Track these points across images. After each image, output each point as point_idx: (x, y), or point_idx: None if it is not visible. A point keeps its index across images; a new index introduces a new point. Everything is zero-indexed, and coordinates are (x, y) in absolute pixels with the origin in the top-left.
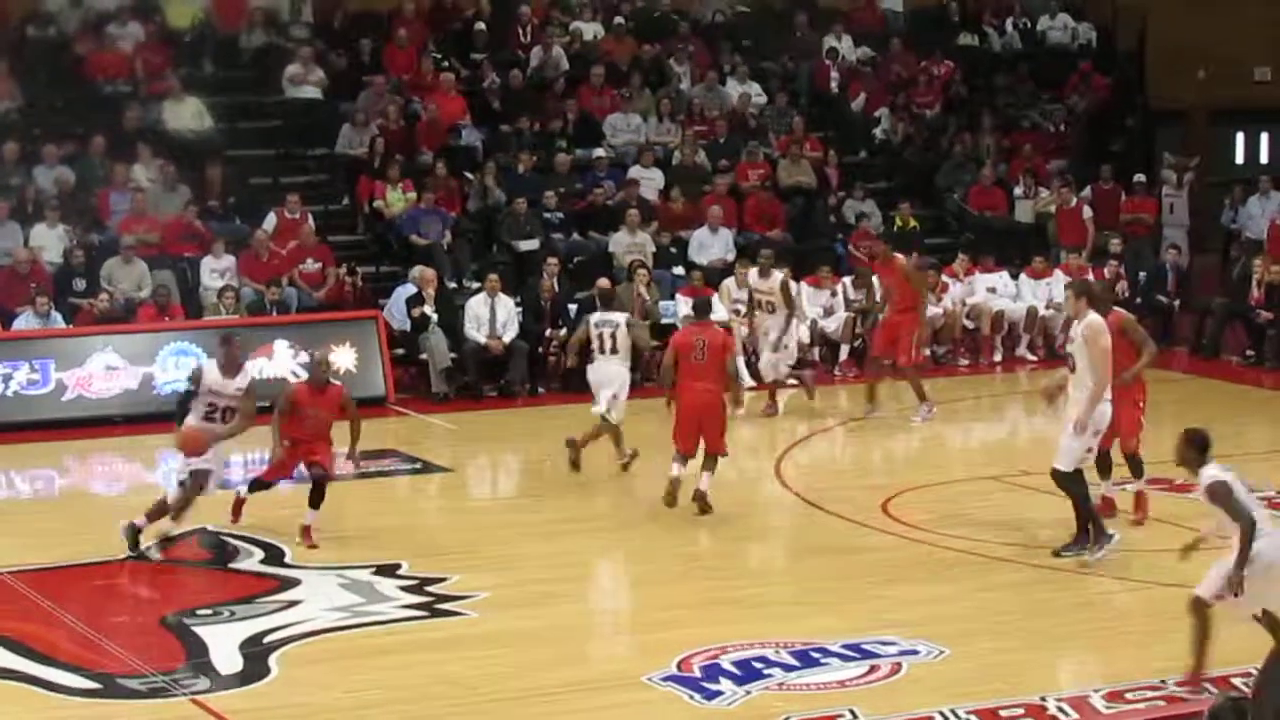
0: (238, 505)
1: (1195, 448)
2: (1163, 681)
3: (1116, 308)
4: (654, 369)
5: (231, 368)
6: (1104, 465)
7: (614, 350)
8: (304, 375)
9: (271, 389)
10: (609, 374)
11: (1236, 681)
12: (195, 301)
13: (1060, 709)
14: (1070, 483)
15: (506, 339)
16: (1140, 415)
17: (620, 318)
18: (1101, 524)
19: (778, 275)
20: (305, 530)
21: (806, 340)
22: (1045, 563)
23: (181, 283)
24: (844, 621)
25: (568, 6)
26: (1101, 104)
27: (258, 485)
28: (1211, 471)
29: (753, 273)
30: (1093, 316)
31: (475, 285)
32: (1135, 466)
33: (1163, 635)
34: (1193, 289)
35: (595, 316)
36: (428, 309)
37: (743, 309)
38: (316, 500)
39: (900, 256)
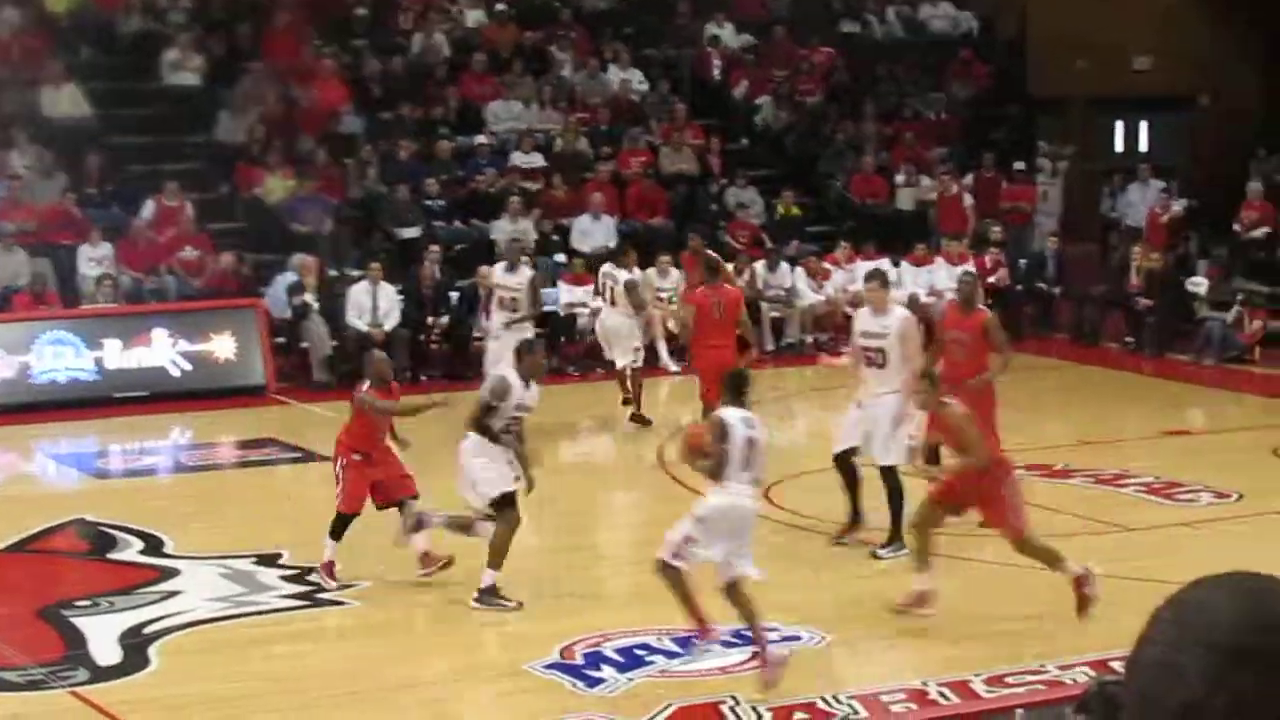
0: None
1: (730, 389)
2: (1042, 665)
3: (981, 307)
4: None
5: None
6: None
7: (613, 303)
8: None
9: (150, 378)
10: (614, 327)
11: (1115, 665)
12: (72, 290)
13: (941, 693)
14: (895, 478)
15: (388, 326)
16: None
17: (622, 275)
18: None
19: (676, 274)
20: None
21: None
22: None
23: (58, 271)
24: (726, 608)
25: None
26: (983, 92)
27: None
28: (725, 413)
29: (651, 271)
30: (902, 310)
31: (357, 273)
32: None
33: (1041, 619)
34: (1073, 276)
35: (606, 266)
36: (309, 297)
37: (667, 296)
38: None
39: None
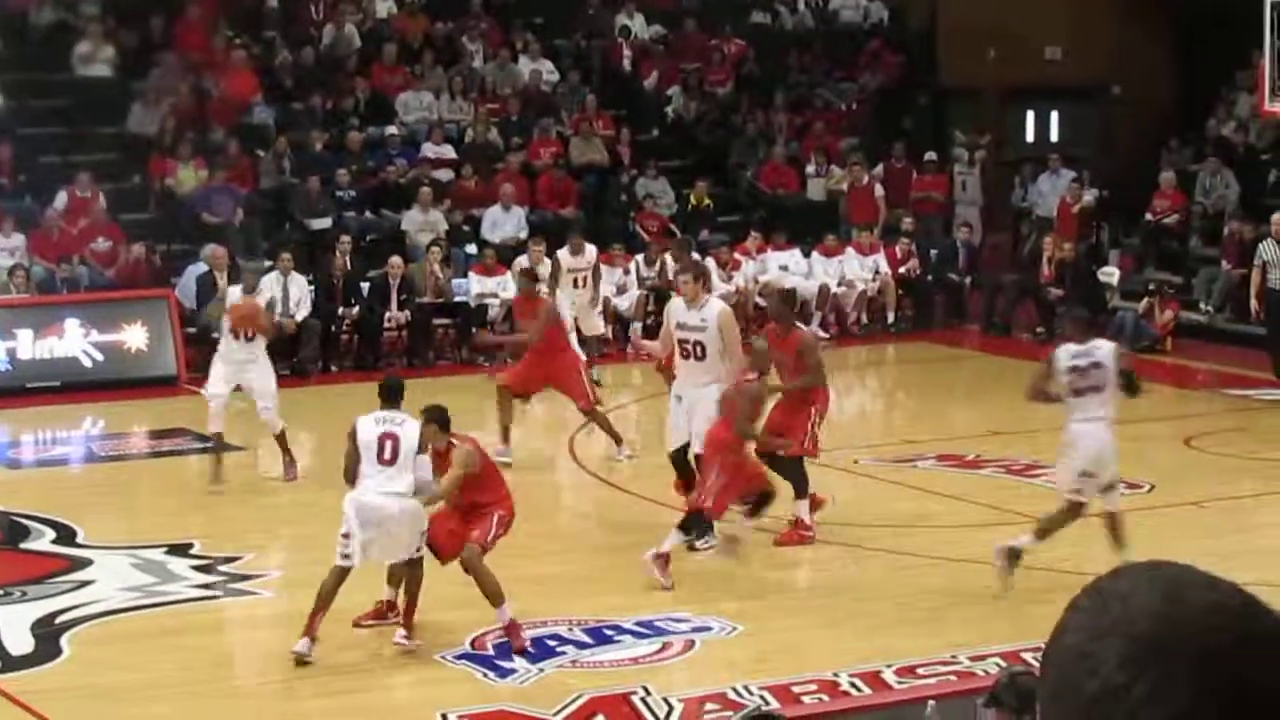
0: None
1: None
2: (953, 656)
3: (799, 325)
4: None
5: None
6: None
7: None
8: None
9: (62, 368)
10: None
11: (1026, 656)
12: None
13: (853, 684)
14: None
15: (299, 317)
16: (808, 421)
17: (591, 254)
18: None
19: (592, 250)
20: None
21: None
22: (836, 539)
23: None
24: (636, 599)
25: None
26: (893, 82)
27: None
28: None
29: (563, 251)
30: (719, 303)
31: (268, 264)
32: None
33: (952, 610)
34: (984, 267)
35: (568, 260)
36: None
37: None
38: None
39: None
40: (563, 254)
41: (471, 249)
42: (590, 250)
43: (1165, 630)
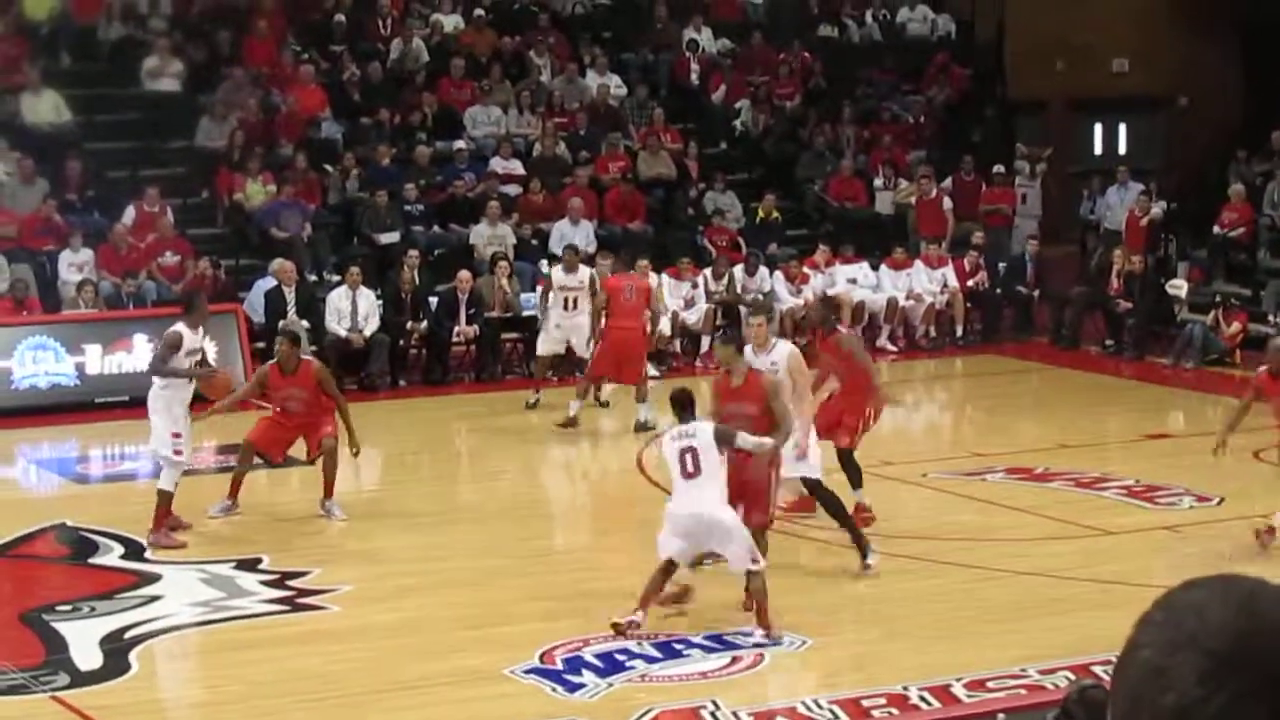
0: None
1: (675, 403)
2: (1023, 670)
3: (839, 328)
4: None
5: None
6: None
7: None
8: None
9: (131, 383)
10: (576, 326)
11: (1097, 669)
12: (54, 295)
13: (922, 698)
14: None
15: (367, 332)
16: (861, 417)
17: (585, 274)
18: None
19: (585, 270)
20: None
21: (668, 332)
22: (904, 552)
23: (40, 276)
24: (707, 612)
25: None
26: (960, 95)
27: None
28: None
29: (558, 269)
30: (787, 345)
31: (336, 278)
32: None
33: (1022, 623)
34: (1052, 279)
35: (560, 278)
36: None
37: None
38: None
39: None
40: (555, 271)
41: (543, 264)
42: (584, 270)
43: (1242, 645)
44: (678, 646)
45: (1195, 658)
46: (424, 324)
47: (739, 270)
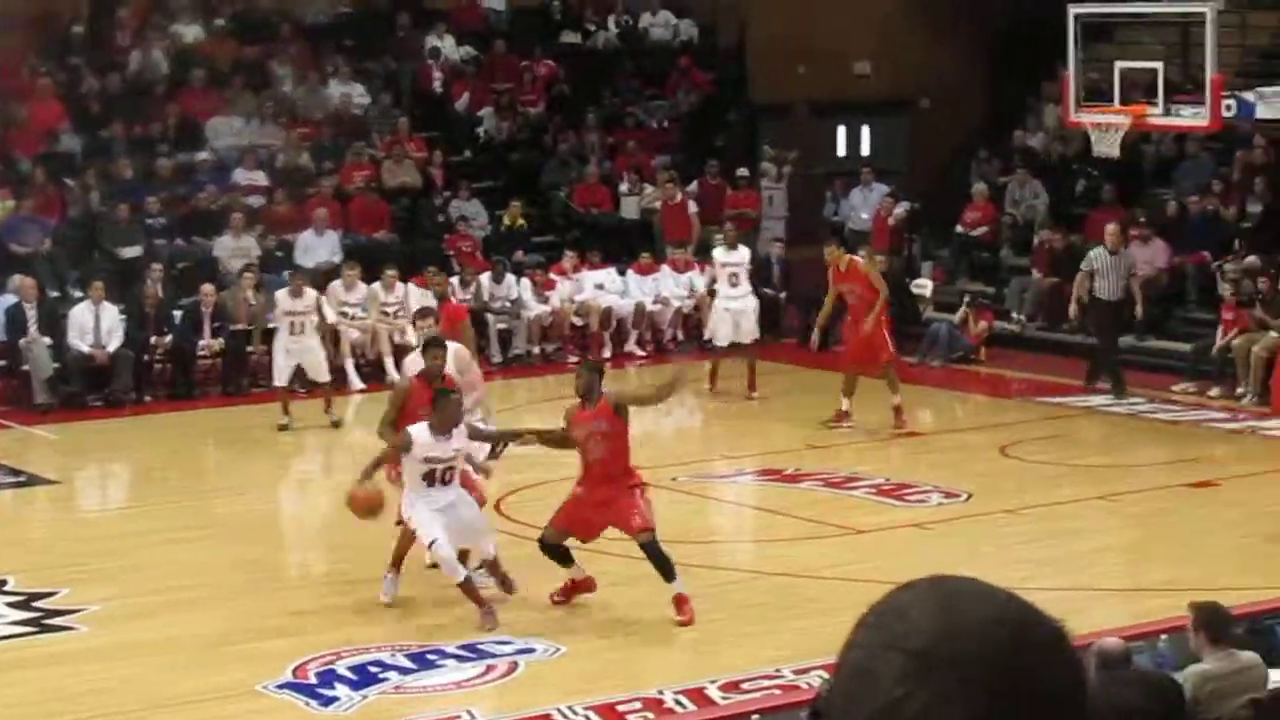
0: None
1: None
2: (777, 670)
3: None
4: None
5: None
6: None
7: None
8: None
9: None
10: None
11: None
12: None
13: (678, 701)
14: None
15: (111, 348)
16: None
17: (312, 298)
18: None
19: (312, 293)
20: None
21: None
22: None
23: None
24: (458, 622)
25: (167, 9)
26: (704, 100)
27: None
28: None
29: (376, 286)
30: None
31: (78, 294)
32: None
33: (775, 624)
34: (799, 281)
35: (286, 302)
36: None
37: (351, 312)
38: None
39: (858, 259)
40: (280, 295)
41: (286, 274)
42: (310, 293)
43: (940, 644)
44: (431, 657)
45: (898, 658)
46: (169, 338)
47: (485, 278)
